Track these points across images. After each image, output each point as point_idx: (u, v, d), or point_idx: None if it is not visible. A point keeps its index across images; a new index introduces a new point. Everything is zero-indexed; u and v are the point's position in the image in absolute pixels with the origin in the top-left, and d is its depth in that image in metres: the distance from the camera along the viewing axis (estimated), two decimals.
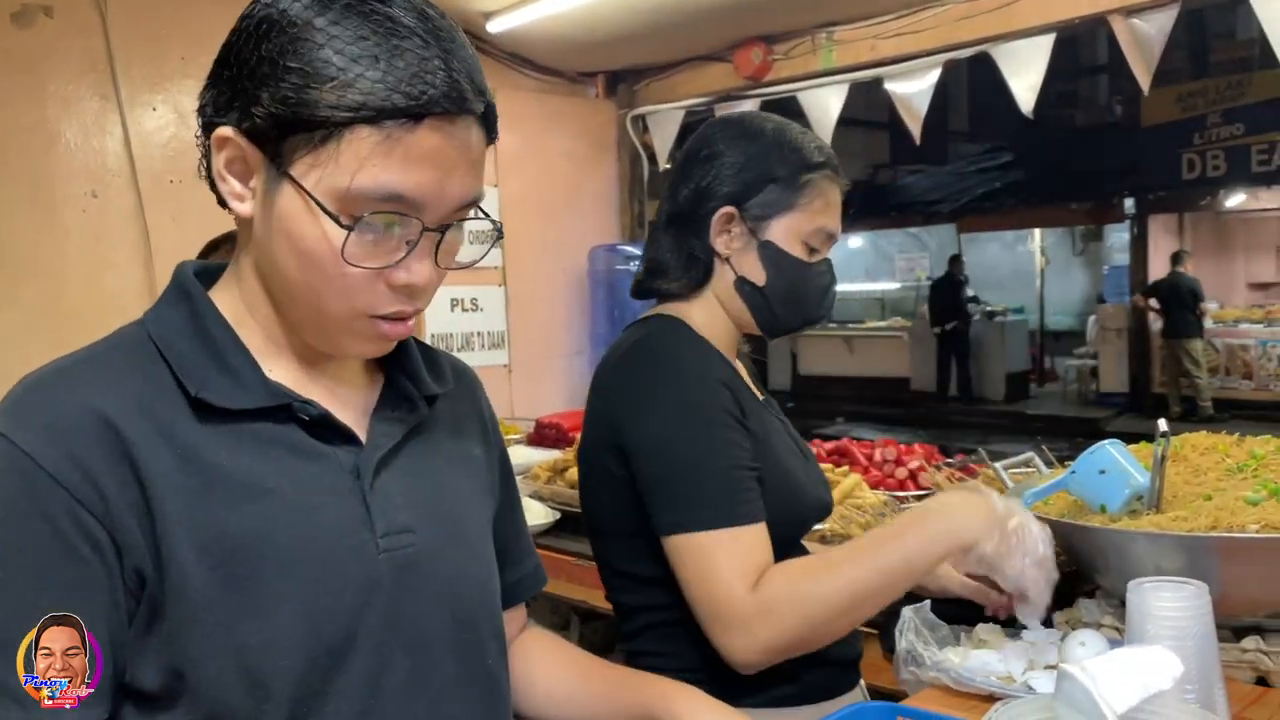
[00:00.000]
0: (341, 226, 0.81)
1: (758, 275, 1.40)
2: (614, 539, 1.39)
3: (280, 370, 0.91)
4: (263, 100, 0.81)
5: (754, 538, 1.26)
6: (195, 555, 0.80)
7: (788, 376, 14.26)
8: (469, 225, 0.90)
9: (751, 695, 1.28)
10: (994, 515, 1.24)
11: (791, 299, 1.41)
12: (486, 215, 0.90)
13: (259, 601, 0.82)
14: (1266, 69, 9.09)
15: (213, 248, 2.05)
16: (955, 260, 13.03)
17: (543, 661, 1.16)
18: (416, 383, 0.99)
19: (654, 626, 1.36)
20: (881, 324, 14.37)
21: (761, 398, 1.48)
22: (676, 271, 1.43)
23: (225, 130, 0.83)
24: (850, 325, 14.59)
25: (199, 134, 0.89)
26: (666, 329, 1.39)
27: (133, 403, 0.82)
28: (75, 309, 3.19)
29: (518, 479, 3.02)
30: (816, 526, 2.09)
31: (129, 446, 0.80)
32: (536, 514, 2.58)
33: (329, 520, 0.87)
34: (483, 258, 0.97)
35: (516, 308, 4.46)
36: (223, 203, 0.90)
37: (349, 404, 0.95)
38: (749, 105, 4.11)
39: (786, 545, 1.38)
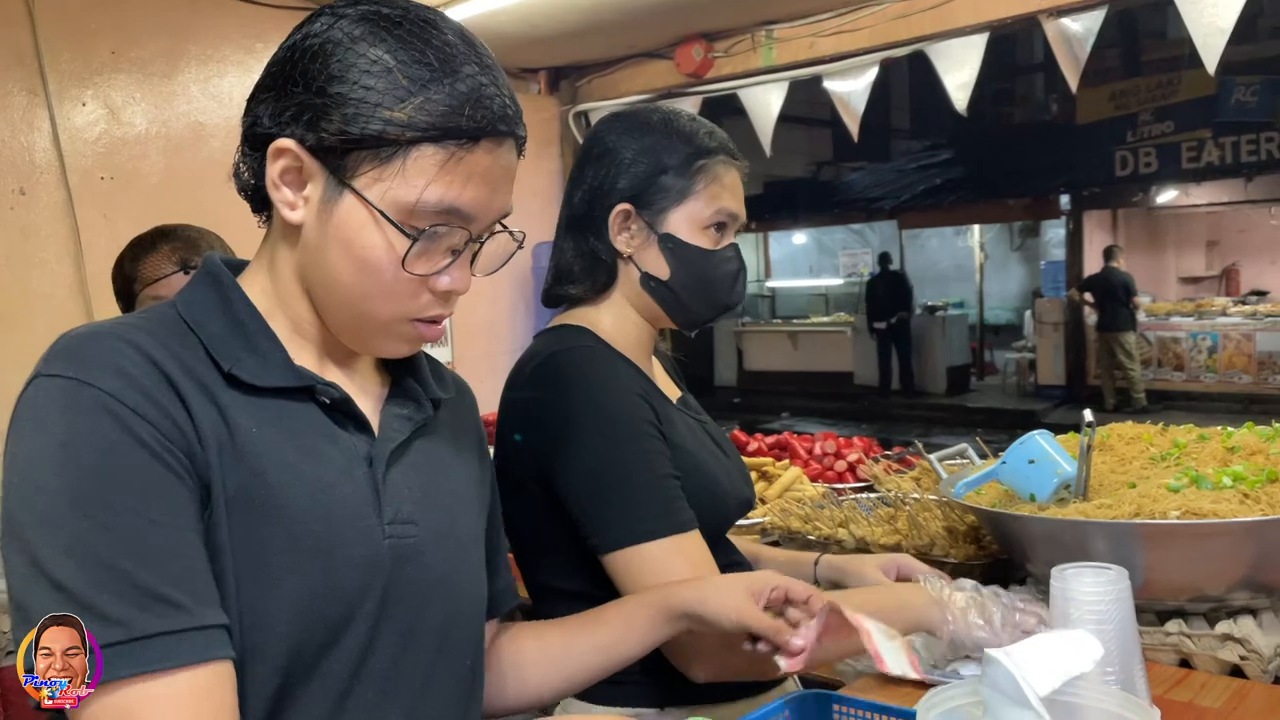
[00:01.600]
0: (407, 236, 0.87)
1: (661, 270, 1.38)
2: (540, 556, 1.39)
3: (301, 361, 0.95)
4: (334, 118, 0.86)
5: (697, 543, 1.27)
6: (224, 509, 0.84)
7: (734, 372, 14.36)
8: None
9: (684, 691, 1.28)
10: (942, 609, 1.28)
11: (700, 289, 1.39)
12: (506, 229, 0.97)
13: (266, 570, 0.85)
14: (1196, 68, 9.34)
15: (143, 246, 1.93)
16: (885, 257, 13.23)
17: (526, 633, 1.19)
18: (424, 385, 1.04)
19: None
20: (825, 319, 14.52)
21: (676, 398, 1.47)
22: (581, 276, 1.42)
23: (286, 143, 0.88)
24: (795, 321, 14.73)
25: (244, 144, 0.93)
26: (574, 343, 1.36)
27: (176, 362, 0.85)
28: (3, 308, 3.11)
29: None
30: (756, 519, 2.12)
31: (182, 395, 0.84)
32: None
33: (342, 500, 0.90)
34: (503, 265, 1.00)
35: (460, 306, 4.38)
36: (261, 207, 0.95)
37: (360, 396, 0.99)
38: (690, 102, 4.13)
39: (711, 544, 1.40)
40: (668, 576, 1.23)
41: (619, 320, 1.42)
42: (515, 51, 4.45)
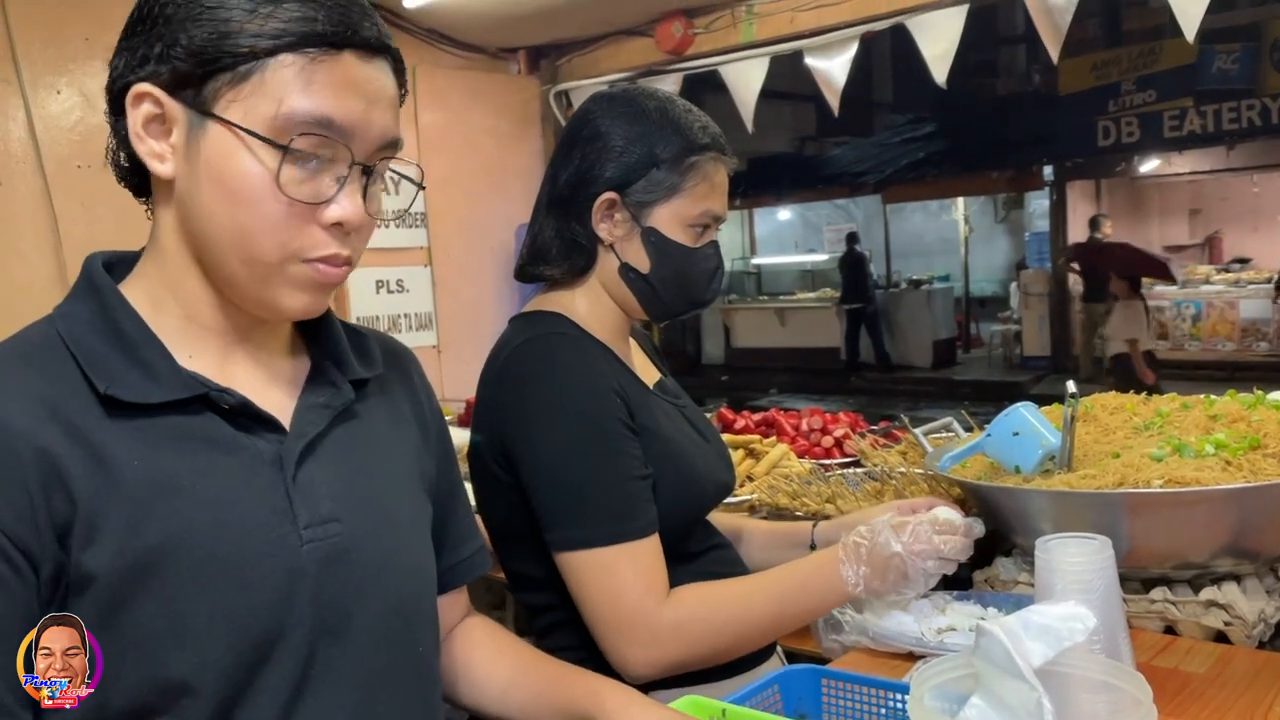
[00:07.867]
0: (276, 148, 0.83)
1: (642, 263, 1.37)
2: (508, 542, 1.39)
3: (200, 356, 0.90)
4: (181, 41, 0.83)
5: (652, 551, 1.27)
6: (109, 557, 0.79)
7: (721, 350, 14.37)
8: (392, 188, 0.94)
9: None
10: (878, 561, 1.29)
11: (678, 286, 1.39)
12: (408, 167, 0.94)
13: (173, 603, 0.81)
14: (1177, 36, 9.33)
15: None
16: (852, 237, 13.24)
17: (482, 649, 1.17)
18: (342, 367, 0.99)
19: (564, 624, 1.34)
20: (811, 296, 14.50)
21: (654, 382, 1.46)
22: (559, 258, 1.40)
23: (143, 86, 0.85)
24: (781, 298, 14.73)
25: (107, 111, 0.89)
26: (552, 330, 1.35)
27: (38, 406, 0.80)
28: None
29: None
30: (745, 497, 2.13)
31: (47, 454, 0.79)
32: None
33: (246, 515, 0.86)
34: (410, 205, 1.01)
35: (443, 288, 4.42)
36: (142, 191, 0.92)
37: (272, 389, 0.94)
38: (671, 80, 4.11)
39: (689, 529, 1.40)
40: (613, 583, 1.23)
41: (594, 305, 1.41)
42: (493, 31, 4.41)
